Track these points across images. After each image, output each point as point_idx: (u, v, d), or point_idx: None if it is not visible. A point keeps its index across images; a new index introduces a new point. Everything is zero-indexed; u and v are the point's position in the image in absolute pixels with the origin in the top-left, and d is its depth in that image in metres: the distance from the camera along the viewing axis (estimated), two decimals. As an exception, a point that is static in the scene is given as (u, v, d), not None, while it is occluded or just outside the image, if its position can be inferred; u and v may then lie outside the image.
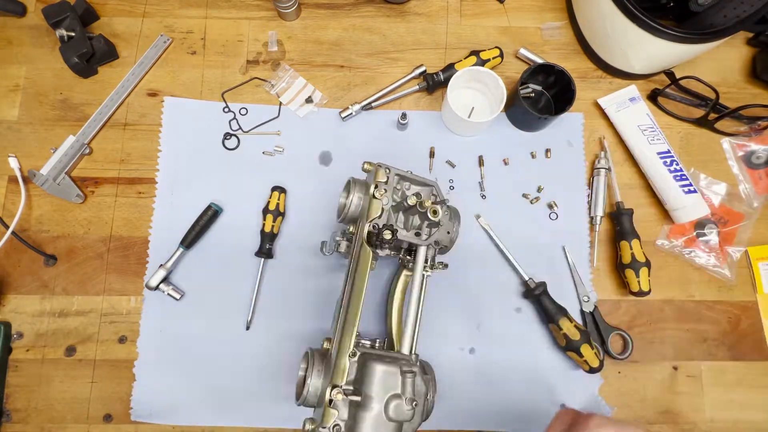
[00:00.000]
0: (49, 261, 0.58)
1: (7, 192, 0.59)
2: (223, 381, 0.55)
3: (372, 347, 0.45)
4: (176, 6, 0.65)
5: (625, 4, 0.54)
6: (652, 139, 0.60)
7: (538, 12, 0.67)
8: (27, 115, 0.61)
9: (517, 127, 0.63)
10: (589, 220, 0.61)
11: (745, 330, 0.59)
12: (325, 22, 0.66)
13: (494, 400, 0.57)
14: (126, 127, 0.62)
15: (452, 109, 0.57)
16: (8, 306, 0.57)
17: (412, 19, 0.67)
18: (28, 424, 0.55)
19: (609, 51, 0.62)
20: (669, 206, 0.60)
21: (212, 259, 0.59)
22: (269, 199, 0.58)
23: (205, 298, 0.57)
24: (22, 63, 0.63)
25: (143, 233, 0.59)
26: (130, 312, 0.57)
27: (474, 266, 0.59)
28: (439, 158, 0.62)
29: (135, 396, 0.55)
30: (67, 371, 0.56)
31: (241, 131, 0.62)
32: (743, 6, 0.54)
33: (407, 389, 0.39)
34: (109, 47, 0.62)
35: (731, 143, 0.64)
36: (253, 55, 0.64)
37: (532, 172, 0.62)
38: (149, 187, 0.60)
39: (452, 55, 0.66)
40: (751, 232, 0.62)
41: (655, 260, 0.59)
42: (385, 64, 0.65)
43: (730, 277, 0.60)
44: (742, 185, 0.63)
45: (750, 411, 0.58)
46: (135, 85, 0.62)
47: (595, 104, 0.64)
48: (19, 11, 0.63)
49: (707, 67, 0.65)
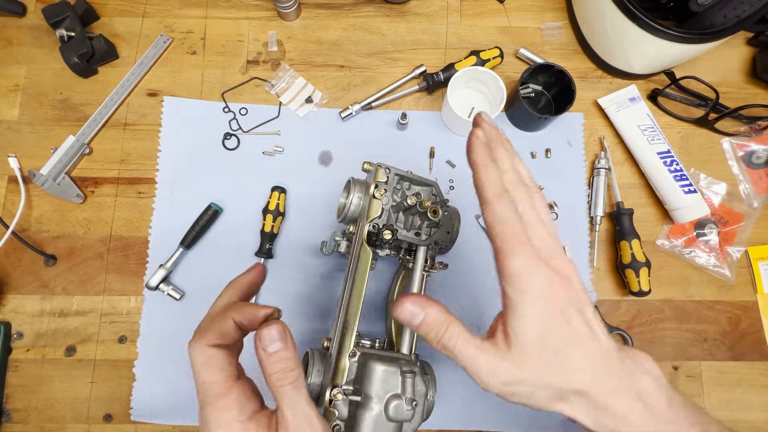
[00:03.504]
0: (49, 261, 0.58)
1: (7, 192, 0.59)
2: (223, 381, 0.55)
3: (372, 347, 0.45)
4: (176, 6, 0.65)
5: (625, 4, 0.54)
6: (652, 139, 0.60)
7: (538, 12, 0.67)
8: (27, 115, 0.61)
9: (517, 127, 0.63)
10: (589, 220, 0.61)
11: (745, 330, 0.59)
12: (325, 22, 0.66)
13: (494, 400, 0.56)
14: (126, 127, 0.62)
15: (452, 109, 0.57)
16: (8, 306, 0.57)
17: (412, 19, 0.67)
18: (28, 424, 0.55)
19: (609, 51, 0.62)
20: (669, 206, 0.60)
21: (212, 259, 0.59)
22: (269, 199, 0.58)
23: (205, 298, 0.57)
24: (22, 63, 0.63)
25: (143, 233, 0.59)
26: (130, 312, 0.57)
27: (474, 266, 0.59)
28: (439, 158, 0.62)
29: (135, 396, 0.55)
30: (67, 371, 0.56)
31: (241, 131, 0.62)
32: (743, 6, 0.54)
33: (407, 389, 0.39)
34: (109, 47, 0.62)
35: (731, 143, 0.64)
36: (253, 55, 0.64)
37: (532, 172, 0.62)
38: (149, 187, 0.60)
39: (452, 55, 0.66)
40: (751, 232, 0.62)
41: (655, 260, 0.59)
42: (385, 64, 0.65)
43: (730, 277, 0.60)
44: (742, 185, 0.63)
45: (750, 411, 0.58)
46: (135, 85, 0.62)
47: (595, 104, 0.64)
48: (19, 11, 0.63)
49: (707, 67, 0.65)
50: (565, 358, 0.28)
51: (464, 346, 0.29)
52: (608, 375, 0.29)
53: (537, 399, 0.29)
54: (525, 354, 0.28)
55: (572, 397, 0.29)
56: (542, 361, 0.28)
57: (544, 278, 0.28)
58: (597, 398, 0.28)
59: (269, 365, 0.28)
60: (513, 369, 0.28)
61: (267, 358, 0.28)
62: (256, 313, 0.31)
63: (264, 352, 0.28)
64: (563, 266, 0.29)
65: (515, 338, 0.28)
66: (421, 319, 0.29)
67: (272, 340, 0.28)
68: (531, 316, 0.28)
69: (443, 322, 0.30)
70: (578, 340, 0.28)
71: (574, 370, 0.28)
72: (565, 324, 0.28)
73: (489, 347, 0.29)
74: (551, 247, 0.29)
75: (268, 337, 0.28)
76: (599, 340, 0.29)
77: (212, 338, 0.29)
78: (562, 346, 0.28)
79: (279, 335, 0.28)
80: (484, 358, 0.29)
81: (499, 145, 0.31)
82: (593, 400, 0.28)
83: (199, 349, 0.29)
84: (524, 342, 0.28)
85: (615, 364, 0.29)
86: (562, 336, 0.28)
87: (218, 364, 0.29)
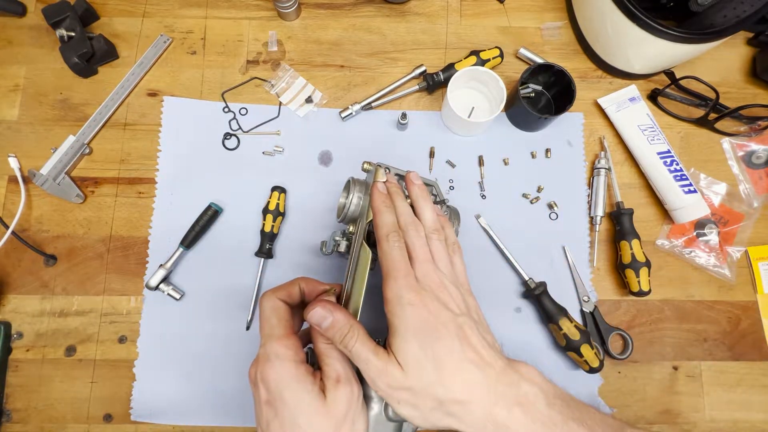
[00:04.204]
0: (49, 261, 0.58)
1: (7, 192, 0.59)
2: (223, 381, 0.55)
3: (372, 347, 0.45)
4: (176, 6, 0.65)
5: (625, 4, 0.54)
6: (652, 139, 0.60)
7: (538, 12, 0.67)
8: (27, 115, 0.61)
9: (517, 127, 0.63)
10: (589, 220, 0.61)
11: (745, 330, 0.59)
12: (325, 22, 0.66)
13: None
14: (126, 127, 0.62)
15: (452, 109, 0.57)
16: (8, 306, 0.57)
17: (412, 19, 0.67)
18: (28, 424, 0.55)
19: (609, 51, 0.62)
20: (669, 206, 0.60)
21: (212, 259, 0.59)
22: (269, 199, 0.58)
23: (205, 298, 0.57)
24: (22, 63, 0.63)
25: (143, 233, 0.59)
26: (130, 312, 0.57)
27: (474, 266, 0.59)
28: (439, 158, 0.62)
29: (135, 396, 0.55)
30: (67, 371, 0.56)
31: (241, 131, 0.62)
32: (743, 6, 0.54)
33: (407, 389, 0.39)
34: (109, 47, 0.62)
35: (731, 143, 0.64)
36: (253, 55, 0.64)
37: (532, 172, 0.62)
38: (149, 187, 0.60)
39: (452, 55, 0.66)
40: (751, 232, 0.62)
41: (655, 260, 0.59)
42: (385, 64, 0.65)
43: (730, 277, 0.60)
44: (742, 185, 0.63)
45: (750, 411, 0.58)
46: (135, 85, 0.63)
47: (595, 104, 0.64)
48: (19, 11, 0.63)
49: (707, 67, 0.65)
50: (444, 373, 0.32)
51: (361, 348, 0.33)
52: (488, 387, 0.32)
53: (421, 410, 0.32)
54: (407, 367, 0.32)
55: (454, 408, 0.32)
56: (423, 375, 0.32)
57: (416, 307, 0.33)
58: (478, 409, 0.31)
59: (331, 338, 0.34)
60: (398, 375, 0.32)
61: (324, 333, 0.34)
62: (317, 285, 0.39)
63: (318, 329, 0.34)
64: (444, 295, 0.34)
65: (397, 354, 0.32)
66: (330, 322, 0.34)
67: (321, 318, 0.34)
68: (404, 336, 0.32)
69: (346, 325, 0.33)
70: (457, 359, 0.32)
71: (454, 384, 0.32)
72: (440, 345, 0.32)
73: (382, 353, 0.33)
74: (434, 281, 0.34)
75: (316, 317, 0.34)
76: (480, 357, 0.32)
77: (282, 294, 0.37)
78: (441, 363, 0.32)
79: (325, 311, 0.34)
80: (375, 361, 0.32)
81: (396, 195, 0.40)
82: (474, 411, 0.31)
83: (271, 298, 0.36)
84: (404, 358, 0.32)
85: (496, 377, 0.32)
86: (439, 355, 0.32)
87: (283, 314, 0.36)
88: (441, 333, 0.32)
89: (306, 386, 0.32)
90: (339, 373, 0.33)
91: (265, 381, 0.32)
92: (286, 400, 0.31)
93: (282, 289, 0.38)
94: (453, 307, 0.34)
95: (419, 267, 0.35)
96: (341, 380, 0.33)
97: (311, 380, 0.33)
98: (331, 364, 0.34)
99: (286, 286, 0.38)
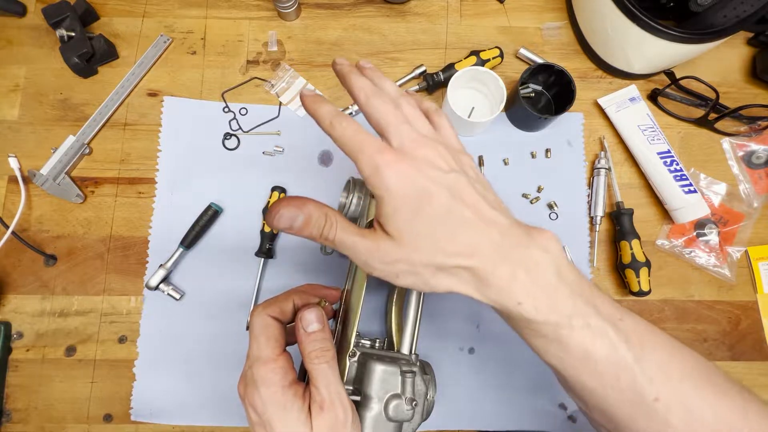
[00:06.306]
0: (49, 261, 0.58)
1: (7, 192, 0.59)
2: (223, 381, 0.55)
3: (372, 347, 0.45)
4: (176, 6, 0.65)
5: (625, 4, 0.54)
6: (652, 139, 0.60)
7: (538, 12, 0.67)
8: (27, 115, 0.61)
9: (517, 127, 0.63)
10: (589, 220, 0.61)
11: (745, 330, 0.59)
12: (325, 22, 0.66)
13: (494, 400, 0.57)
14: (126, 127, 0.62)
15: (452, 109, 0.57)
16: (8, 306, 0.57)
17: (412, 19, 0.67)
18: (28, 424, 0.55)
19: (609, 51, 0.62)
20: (669, 206, 0.60)
21: (212, 259, 0.59)
22: (269, 199, 0.58)
23: (205, 298, 0.57)
24: (22, 63, 0.63)
25: (143, 233, 0.59)
26: (130, 312, 0.57)
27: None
28: (439, 158, 0.62)
29: (135, 396, 0.55)
30: (67, 371, 0.56)
31: (241, 131, 0.62)
32: (743, 6, 0.54)
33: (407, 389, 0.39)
34: (109, 47, 0.62)
35: (731, 143, 0.64)
36: (253, 55, 0.64)
37: (532, 172, 0.62)
38: (149, 187, 0.60)
39: (452, 55, 0.66)
40: (751, 232, 0.62)
41: (655, 260, 0.59)
42: (385, 64, 0.65)
43: (730, 277, 0.60)
44: (742, 185, 0.63)
45: (750, 411, 0.58)
46: (135, 85, 0.62)
47: (595, 104, 0.64)
48: (19, 11, 0.63)
49: (707, 67, 0.65)
50: (443, 238, 0.29)
51: (343, 235, 0.30)
52: (492, 249, 0.29)
53: (423, 276, 0.30)
54: (401, 238, 0.29)
55: (457, 270, 0.30)
56: (420, 243, 0.29)
57: (396, 168, 0.28)
58: (480, 271, 0.29)
59: (308, 344, 0.33)
60: (391, 249, 0.30)
61: (306, 337, 0.33)
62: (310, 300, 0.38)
63: (304, 332, 0.33)
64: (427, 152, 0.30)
65: (386, 226, 0.30)
66: (303, 219, 0.30)
67: (311, 322, 0.33)
68: (390, 203, 0.29)
69: (321, 216, 0.30)
70: (453, 219, 0.29)
71: (454, 247, 0.29)
72: (431, 206, 0.29)
73: (368, 233, 0.31)
74: (412, 139, 0.30)
75: (308, 319, 0.33)
76: (479, 215, 0.30)
77: (274, 311, 0.35)
78: (435, 226, 0.29)
79: (317, 318, 0.34)
80: (363, 242, 0.30)
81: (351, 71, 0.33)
82: (477, 273, 0.29)
83: (263, 316, 0.35)
84: (395, 227, 0.29)
85: (500, 236, 0.30)
86: (431, 217, 0.29)
87: (273, 333, 0.34)
88: (431, 191, 0.28)
89: (293, 414, 0.31)
90: (323, 398, 0.32)
91: (252, 406, 0.32)
92: (275, 427, 0.31)
93: (275, 304, 0.36)
94: (441, 164, 0.30)
95: (392, 132, 0.30)
96: (324, 407, 0.32)
97: (299, 405, 0.32)
98: (317, 387, 0.32)
99: (280, 301, 0.36)
